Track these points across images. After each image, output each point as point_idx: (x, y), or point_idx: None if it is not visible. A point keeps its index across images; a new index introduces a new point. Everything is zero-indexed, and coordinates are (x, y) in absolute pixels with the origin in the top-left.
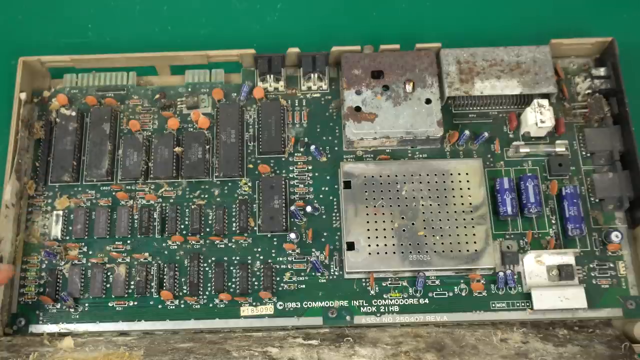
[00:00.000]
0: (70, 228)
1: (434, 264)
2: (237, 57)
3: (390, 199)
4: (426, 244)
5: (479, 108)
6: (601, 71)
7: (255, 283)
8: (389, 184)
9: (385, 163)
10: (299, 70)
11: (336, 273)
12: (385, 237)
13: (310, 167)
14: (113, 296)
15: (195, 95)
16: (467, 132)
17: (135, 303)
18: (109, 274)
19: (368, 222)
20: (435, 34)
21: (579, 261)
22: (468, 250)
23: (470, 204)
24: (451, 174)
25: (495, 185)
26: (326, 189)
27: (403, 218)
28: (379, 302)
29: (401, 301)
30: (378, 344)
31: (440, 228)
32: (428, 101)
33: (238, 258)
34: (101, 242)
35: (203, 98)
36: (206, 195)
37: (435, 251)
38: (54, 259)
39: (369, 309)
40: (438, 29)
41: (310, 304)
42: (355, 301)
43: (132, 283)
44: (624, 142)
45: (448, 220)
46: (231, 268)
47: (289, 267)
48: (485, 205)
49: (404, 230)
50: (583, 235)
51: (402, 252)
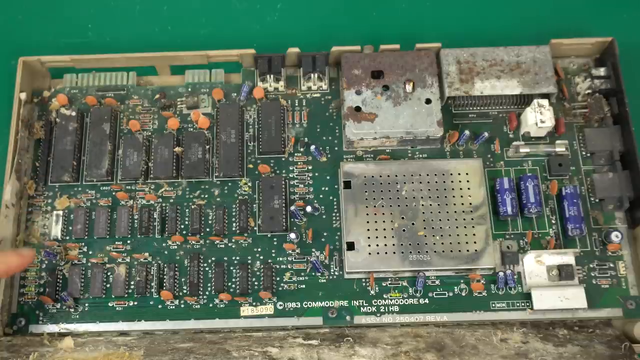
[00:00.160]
0: (70, 228)
1: (434, 264)
2: (237, 57)
3: (390, 199)
4: (426, 244)
5: (479, 108)
6: (601, 71)
7: (255, 283)
8: (389, 184)
9: (385, 163)
10: (299, 70)
11: (336, 273)
12: (385, 237)
13: (310, 167)
14: (113, 296)
15: (195, 95)
16: (467, 132)
17: (135, 303)
18: (109, 274)
19: (368, 222)
20: (435, 34)
21: (579, 261)
22: (468, 250)
23: (470, 204)
24: (451, 174)
25: (495, 185)
26: (326, 189)
27: (403, 218)
28: (379, 302)
29: (401, 301)
30: (378, 344)
31: (440, 228)
32: (428, 101)
33: (238, 258)
34: (101, 242)
35: (203, 98)
36: (206, 195)
37: (435, 251)
38: (54, 259)
39: (369, 309)
40: (438, 29)
41: (310, 304)
42: (355, 301)
43: (132, 283)
44: (624, 142)
45: (448, 220)
46: (231, 268)
47: (289, 267)
48: (485, 205)
49: (404, 230)
50: (583, 235)
51: (402, 252)
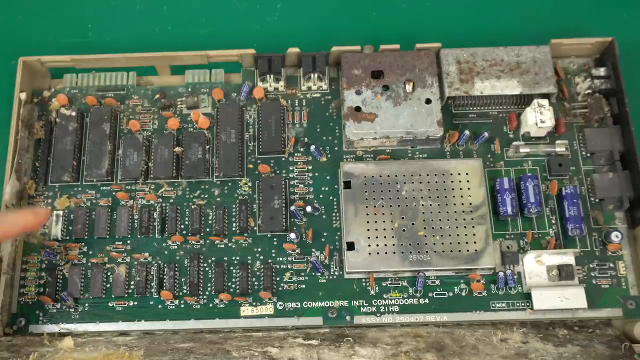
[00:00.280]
0: (70, 228)
1: (434, 264)
2: (237, 57)
3: (390, 199)
4: (426, 244)
5: (479, 108)
6: (601, 71)
7: (255, 283)
8: (389, 184)
9: (385, 163)
10: (299, 70)
11: (336, 273)
12: (385, 237)
13: (310, 167)
14: (113, 296)
15: (195, 95)
16: (467, 132)
17: (135, 303)
18: (109, 274)
19: (368, 222)
20: (435, 34)
21: (579, 261)
22: (468, 250)
23: (470, 204)
24: (451, 174)
25: (495, 185)
26: (326, 189)
27: (403, 218)
28: (379, 302)
29: (401, 301)
30: (378, 344)
31: (440, 228)
32: (428, 101)
33: (238, 258)
34: (101, 242)
35: (203, 98)
36: (206, 195)
37: (435, 251)
38: (54, 259)
39: (369, 309)
40: (438, 29)
41: (310, 304)
42: (355, 301)
43: (132, 283)
44: (624, 142)
45: (448, 220)
46: (231, 268)
47: (289, 267)
48: (485, 205)
49: (404, 230)
50: (583, 235)
51: (402, 252)
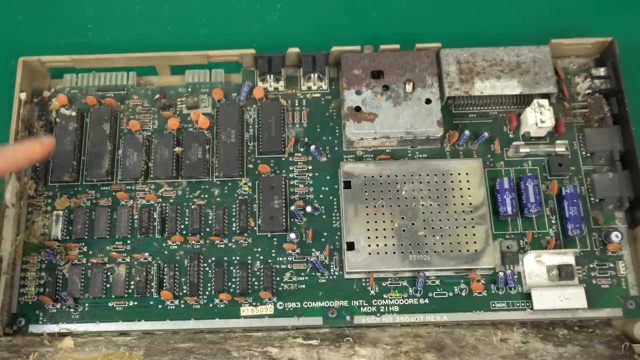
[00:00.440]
0: (70, 228)
1: (434, 264)
2: (237, 57)
3: (390, 199)
4: (426, 244)
5: (479, 108)
6: (601, 71)
7: (255, 283)
8: (389, 184)
9: (385, 163)
10: (299, 70)
11: (336, 273)
12: (385, 237)
13: (310, 167)
14: (113, 296)
15: (195, 95)
16: (467, 132)
17: (135, 303)
18: (109, 274)
19: (368, 222)
20: (435, 34)
21: (579, 261)
22: (468, 250)
23: (470, 204)
24: (451, 174)
25: (495, 185)
26: (326, 189)
27: (403, 218)
28: (379, 302)
29: (401, 301)
30: (378, 344)
31: (440, 228)
32: (428, 101)
33: (238, 258)
34: (101, 242)
35: (203, 98)
36: (206, 195)
37: (435, 251)
38: (54, 259)
39: (369, 309)
40: (438, 29)
41: (310, 304)
42: (355, 301)
43: (132, 283)
44: (624, 142)
45: (448, 220)
46: (231, 268)
47: (289, 267)
48: (485, 205)
49: (404, 230)
50: (583, 235)
51: (402, 252)
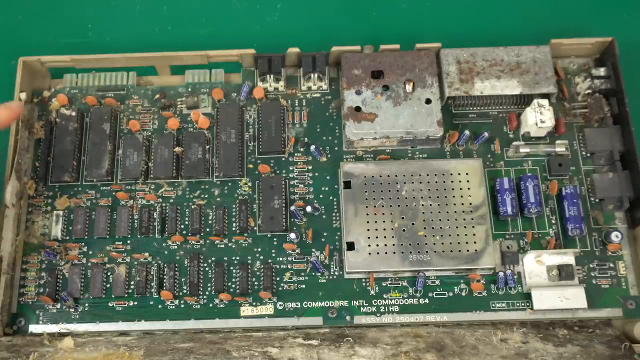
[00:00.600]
0: (70, 228)
1: (434, 264)
2: (237, 57)
3: (390, 199)
4: (426, 244)
5: (479, 108)
6: (601, 71)
7: (255, 283)
8: (389, 184)
9: (385, 163)
10: (299, 70)
11: (336, 273)
12: (385, 237)
13: (310, 167)
14: (113, 296)
15: (195, 95)
16: (467, 132)
17: (135, 303)
18: (109, 274)
19: (368, 222)
20: (435, 34)
21: (579, 261)
22: (468, 250)
23: (470, 204)
24: (451, 174)
25: (495, 185)
26: (326, 189)
27: (403, 218)
28: (379, 302)
29: (401, 301)
30: (378, 344)
31: (440, 228)
32: (428, 101)
33: (238, 258)
34: (101, 242)
35: (203, 98)
36: (206, 195)
37: (435, 251)
38: (54, 259)
39: (369, 309)
40: (438, 29)
41: (310, 304)
42: (355, 301)
43: (132, 283)
44: (624, 142)
45: (448, 220)
46: (231, 268)
47: (289, 267)
48: (485, 205)
49: (404, 230)
50: (583, 235)
51: (402, 252)
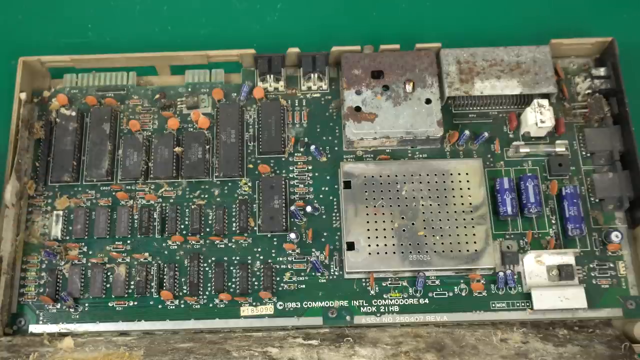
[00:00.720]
0: (70, 228)
1: (434, 264)
2: (237, 57)
3: (390, 199)
4: (426, 244)
5: (479, 108)
6: (601, 71)
7: (255, 283)
8: (389, 184)
9: (385, 163)
10: (299, 70)
11: (336, 273)
12: (385, 237)
13: (310, 167)
14: (113, 296)
15: (195, 95)
16: (467, 132)
17: (135, 303)
18: (109, 274)
19: (368, 222)
20: (435, 34)
21: (579, 261)
22: (468, 250)
23: (470, 204)
24: (451, 174)
25: (495, 185)
26: (326, 189)
27: (403, 218)
28: (379, 302)
29: (401, 301)
30: (378, 344)
31: (440, 228)
32: (428, 101)
33: (238, 258)
34: (101, 242)
35: (203, 98)
36: (206, 195)
37: (435, 251)
38: (54, 259)
39: (369, 309)
40: (438, 29)
41: (310, 304)
42: (355, 301)
43: (132, 283)
44: (624, 142)
45: (448, 220)
46: (231, 268)
47: (289, 267)
48: (485, 205)
49: (404, 230)
50: (583, 235)
51: (402, 252)
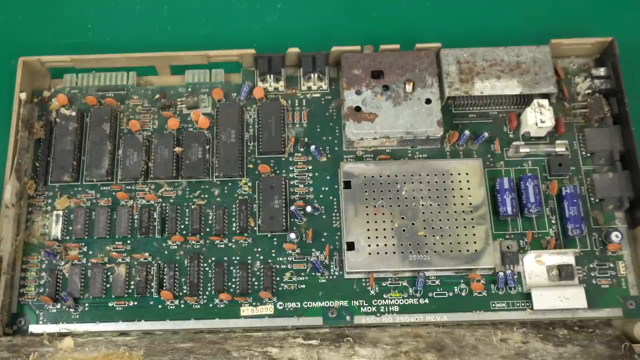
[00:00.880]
0: (70, 228)
1: (434, 264)
2: (237, 57)
3: (390, 199)
4: (426, 244)
5: (479, 108)
6: (601, 71)
7: (255, 283)
8: (389, 184)
9: (385, 163)
10: (299, 70)
11: (336, 273)
12: (385, 237)
13: (310, 167)
14: (113, 296)
15: (195, 95)
16: (467, 132)
17: (135, 303)
18: (109, 274)
19: (368, 222)
20: (435, 34)
21: (579, 261)
22: (468, 250)
23: (470, 204)
24: (451, 174)
25: (495, 185)
26: (326, 189)
27: (403, 218)
28: (379, 302)
29: (401, 301)
30: (378, 344)
31: (440, 228)
32: (428, 101)
33: (238, 258)
34: (101, 242)
35: (203, 98)
36: (206, 195)
37: (435, 251)
38: (54, 259)
39: (369, 309)
40: (438, 29)
41: (310, 304)
42: (355, 301)
43: (132, 283)
44: (624, 142)
45: (448, 220)
46: (231, 268)
47: (289, 267)
48: (485, 205)
49: (404, 230)
50: (583, 235)
51: (402, 252)
